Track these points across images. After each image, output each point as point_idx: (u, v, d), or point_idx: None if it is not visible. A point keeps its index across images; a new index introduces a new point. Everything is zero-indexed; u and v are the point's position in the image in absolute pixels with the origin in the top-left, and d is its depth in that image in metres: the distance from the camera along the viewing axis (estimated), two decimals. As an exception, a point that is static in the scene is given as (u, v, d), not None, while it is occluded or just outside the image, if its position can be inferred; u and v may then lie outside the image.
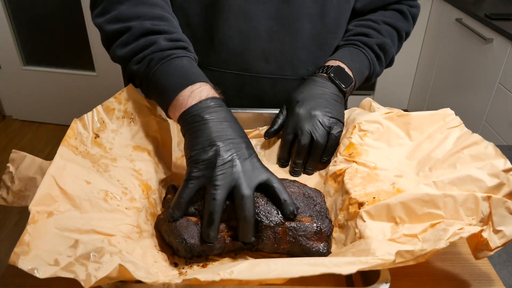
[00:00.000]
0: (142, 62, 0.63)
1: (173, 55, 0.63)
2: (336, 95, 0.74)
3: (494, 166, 0.52)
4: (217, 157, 0.53)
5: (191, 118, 0.57)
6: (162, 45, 0.63)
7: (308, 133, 0.69)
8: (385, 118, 0.67)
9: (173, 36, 0.65)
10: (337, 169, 0.65)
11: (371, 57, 0.81)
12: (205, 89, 0.59)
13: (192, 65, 0.64)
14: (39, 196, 0.47)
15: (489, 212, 0.50)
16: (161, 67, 0.62)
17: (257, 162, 0.56)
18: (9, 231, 1.86)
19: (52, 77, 2.44)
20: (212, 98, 0.58)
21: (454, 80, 2.13)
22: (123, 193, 0.56)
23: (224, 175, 0.53)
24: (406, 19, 0.85)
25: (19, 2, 2.28)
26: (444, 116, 0.65)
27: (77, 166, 0.54)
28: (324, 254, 0.55)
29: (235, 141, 0.56)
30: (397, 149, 0.65)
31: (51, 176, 0.50)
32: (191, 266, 0.55)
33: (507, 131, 1.72)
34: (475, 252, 0.52)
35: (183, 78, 0.60)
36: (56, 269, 0.42)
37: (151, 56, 0.63)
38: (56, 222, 0.47)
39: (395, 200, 0.53)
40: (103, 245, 0.46)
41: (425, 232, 0.50)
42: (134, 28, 0.64)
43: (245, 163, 0.55)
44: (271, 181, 0.55)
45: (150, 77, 0.62)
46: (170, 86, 0.60)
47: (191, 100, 0.58)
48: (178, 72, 0.61)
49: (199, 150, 0.55)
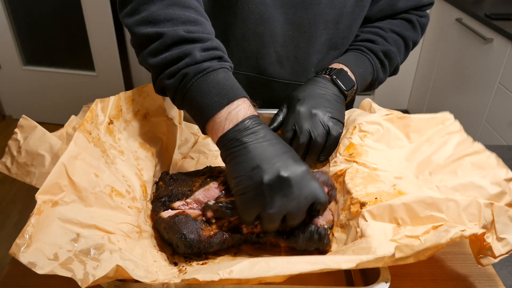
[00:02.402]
0: (176, 77, 0.58)
1: (209, 68, 0.58)
2: (338, 96, 0.74)
3: (496, 175, 0.53)
4: (262, 181, 0.51)
5: (230, 143, 0.54)
6: (197, 57, 0.58)
7: (307, 131, 0.69)
8: (385, 120, 0.67)
9: (208, 45, 0.60)
10: (337, 169, 0.65)
11: (375, 63, 0.82)
12: (242, 108, 0.56)
13: (228, 78, 0.59)
14: (48, 184, 0.47)
15: (492, 219, 0.50)
16: (196, 82, 0.57)
17: (308, 175, 0.53)
18: (9, 231, 1.86)
19: (52, 77, 2.45)
20: (249, 117, 0.55)
21: (454, 80, 2.13)
22: (127, 191, 0.57)
23: (276, 198, 0.51)
24: (414, 29, 0.86)
25: (19, 2, 2.28)
26: (443, 119, 0.65)
27: (89, 156, 0.54)
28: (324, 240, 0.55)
29: (281, 158, 0.52)
30: (397, 151, 0.65)
31: (62, 164, 0.49)
32: (191, 263, 0.55)
33: (507, 131, 1.72)
34: (478, 258, 0.52)
35: (220, 97, 0.56)
36: (55, 265, 0.42)
37: (185, 70, 0.58)
38: (60, 213, 0.47)
39: (398, 201, 0.52)
40: (104, 242, 0.46)
41: (427, 233, 0.50)
42: (167, 35, 0.59)
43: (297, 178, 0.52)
44: (319, 199, 0.53)
45: (185, 93, 0.58)
46: (207, 106, 0.56)
47: (228, 123, 0.55)
48: (215, 89, 0.57)
49: (242, 176, 0.52)
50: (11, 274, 0.56)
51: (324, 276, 0.57)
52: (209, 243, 0.54)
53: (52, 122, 2.60)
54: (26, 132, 0.53)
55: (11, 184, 2.14)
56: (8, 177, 2.18)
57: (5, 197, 2.06)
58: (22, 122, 0.53)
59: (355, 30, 0.83)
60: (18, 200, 2.04)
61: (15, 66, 2.44)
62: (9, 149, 0.53)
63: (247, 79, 0.82)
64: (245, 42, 0.78)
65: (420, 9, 0.86)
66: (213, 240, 0.54)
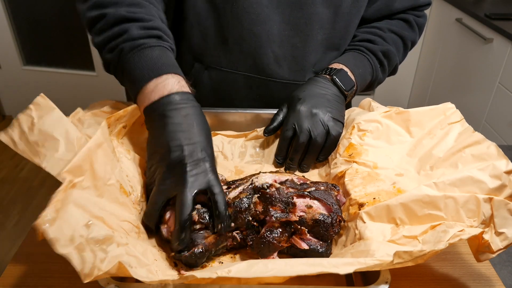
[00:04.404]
0: (114, 52, 0.62)
1: (144, 44, 0.60)
2: (338, 96, 0.74)
3: (496, 167, 0.52)
4: (168, 160, 0.53)
5: (151, 115, 0.57)
6: (134, 34, 0.61)
7: (307, 131, 0.69)
8: (384, 117, 0.67)
9: (147, 24, 0.63)
10: (338, 171, 0.65)
11: (374, 63, 0.82)
12: (170, 83, 0.58)
13: (163, 55, 0.61)
14: (74, 165, 0.47)
15: (490, 214, 0.50)
16: (131, 57, 0.60)
17: (205, 166, 0.54)
18: (9, 231, 1.86)
19: (52, 77, 2.45)
20: (177, 93, 0.57)
21: (454, 80, 2.13)
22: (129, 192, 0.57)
23: (173, 179, 0.53)
24: (412, 28, 0.86)
25: (19, 2, 2.28)
26: (444, 110, 0.64)
27: (108, 148, 0.54)
28: (322, 254, 0.55)
29: (191, 141, 0.54)
30: (398, 147, 0.65)
31: (89, 148, 0.50)
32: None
33: (507, 131, 1.72)
34: (476, 254, 0.51)
35: (150, 71, 0.58)
36: (71, 249, 0.42)
37: (122, 45, 0.61)
38: (75, 197, 0.46)
39: (395, 201, 0.52)
40: (113, 234, 0.46)
41: (425, 233, 0.49)
42: (109, 15, 0.63)
43: (195, 167, 0.53)
44: (212, 189, 0.54)
45: (122, 67, 0.61)
46: (137, 78, 0.59)
47: (153, 96, 0.56)
48: (147, 64, 0.59)
49: (151, 150, 0.56)
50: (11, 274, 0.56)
51: (325, 276, 0.57)
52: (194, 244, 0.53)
53: (52, 122, 2.60)
54: (42, 111, 0.51)
55: (11, 184, 2.14)
56: (8, 177, 2.18)
57: (5, 197, 2.06)
58: (39, 100, 0.51)
59: (352, 30, 0.83)
60: (18, 200, 2.04)
61: (15, 66, 2.44)
62: (19, 123, 0.50)
63: (246, 79, 0.82)
64: (243, 42, 0.78)
65: (417, 9, 0.86)
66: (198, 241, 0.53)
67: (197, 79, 0.84)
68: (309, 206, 0.55)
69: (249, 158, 0.75)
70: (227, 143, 0.75)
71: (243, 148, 0.75)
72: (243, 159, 0.74)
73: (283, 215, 0.54)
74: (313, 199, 0.56)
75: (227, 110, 0.77)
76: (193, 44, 0.81)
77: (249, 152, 0.75)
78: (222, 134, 0.76)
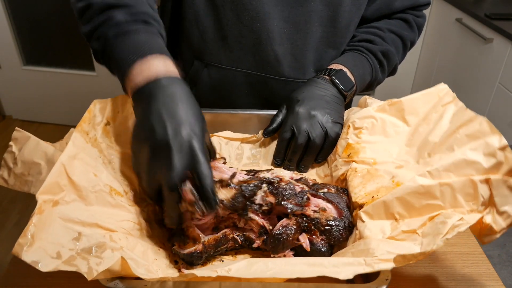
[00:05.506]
0: (101, 39, 0.60)
1: (129, 29, 0.59)
2: (337, 97, 0.74)
3: (489, 145, 0.49)
4: (152, 140, 0.50)
5: (138, 97, 0.54)
6: (120, 20, 0.59)
7: (305, 132, 0.69)
8: (378, 111, 0.66)
9: (133, 10, 0.61)
10: (340, 173, 0.64)
11: (374, 63, 0.82)
12: (154, 64, 0.55)
13: (150, 39, 0.59)
14: (48, 184, 0.47)
15: (489, 194, 0.48)
16: (117, 42, 0.58)
17: (193, 146, 0.51)
18: (9, 231, 1.86)
19: (52, 77, 2.44)
20: (163, 73, 0.54)
21: (454, 80, 2.13)
22: (124, 191, 0.57)
23: (158, 163, 0.50)
24: (411, 28, 0.86)
25: (19, 2, 2.28)
26: (437, 91, 0.62)
27: (87, 156, 0.54)
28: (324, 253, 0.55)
29: (175, 122, 0.51)
30: (396, 138, 0.64)
31: (61, 164, 0.49)
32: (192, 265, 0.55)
33: (507, 131, 1.72)
34: (480, 237, 0.49)
35: (135, 54, 0.56)
36: (58, 263, 0.42)
37: (107, 31, 0.59)
38: (61, 212, 0.47)
39: (391, 196, 0.52)
40: (105, 240, 0.46)
41: (424, 226, 0.48)
42: (95, 4, 0.61)
43: (180, 146, 0.50)
44: (197, 168, 0.50)
45: (108, 54, 0.59)
46: (122, 63, 0.56)
47: (140, 78, 0.54)
48: (132, 46, 0.57)
49: (136, 131, 0.53)
50: (11, 274, 0.56)
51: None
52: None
53: (52, 122, 2.60)
54: (21, 143, 0.53)
55: (11, 184, 2.14)
56: (8, 177, 2.18)
57: (5, 197, 2.06)
58: (16, 134, 0.54)
59: (352, 29, 0.83)
60: (18, 200, 2.04)
61: (15, 66, 2.44)
62: (5, 162, 0.53)
63: (246, 77, 0.82)
64: (242, 39, 0.78)
65: (416, 9, 0.86)
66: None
67: (197, 77, 0.84)
68: (323, 209, 0.56)
69: (246, 160, 0.75)
70: (225, 145, 0.75)
71: (239, 150, 0.75)
72: (241, 161, 0.74)
73: (299, 208, 0.55)
74: (327, 201, 0.57)
75: (226, 111, 0.77)
76: (193, 42, 0.81)
77: (246, 154, 0.75)
78: (219, 136, 0.76)
